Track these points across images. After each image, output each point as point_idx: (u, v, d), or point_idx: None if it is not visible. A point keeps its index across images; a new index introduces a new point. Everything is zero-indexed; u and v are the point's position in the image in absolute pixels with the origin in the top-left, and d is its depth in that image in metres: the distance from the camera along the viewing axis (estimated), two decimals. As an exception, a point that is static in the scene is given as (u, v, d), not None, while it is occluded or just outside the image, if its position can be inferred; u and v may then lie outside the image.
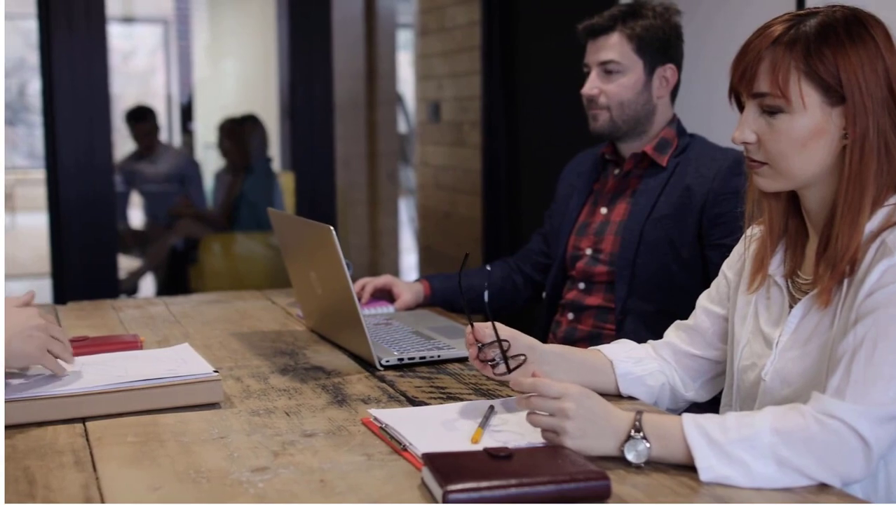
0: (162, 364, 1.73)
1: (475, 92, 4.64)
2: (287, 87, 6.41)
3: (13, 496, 1.29)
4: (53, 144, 3.63)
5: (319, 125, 4.13)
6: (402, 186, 7.45)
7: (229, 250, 5.52)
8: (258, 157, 5.57)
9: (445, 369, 1.91)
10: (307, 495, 1.29)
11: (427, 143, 5.37)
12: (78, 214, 3.67)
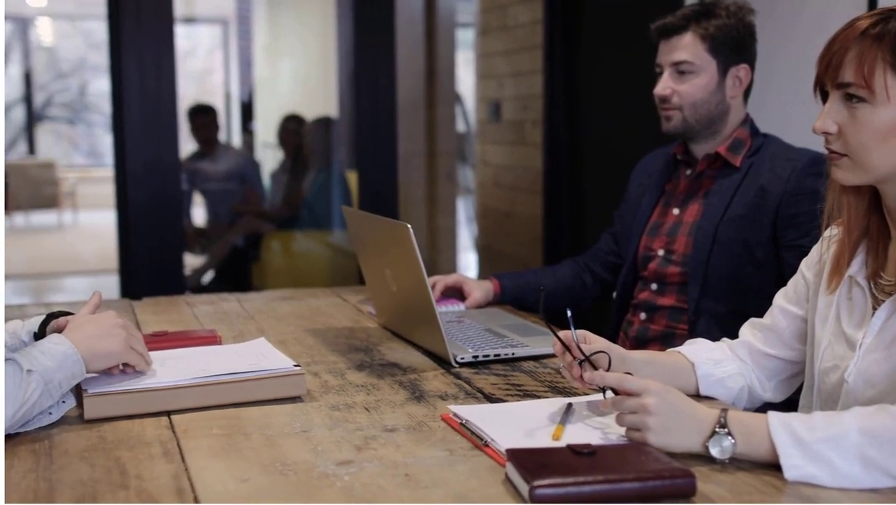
0: (243, 359, 1.76)
1: (537, 91, 4.64)
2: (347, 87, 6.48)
3: (106, 486, 1.32)
4: (122, 144, 3.70)
5: (382, 124, 4.16)
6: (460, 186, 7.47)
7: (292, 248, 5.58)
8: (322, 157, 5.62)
9: (520, 367, 1.92)
10: (393, 489, 1.31)
11: (487, 142, 5.38)
12: (145, 213, 3.73)
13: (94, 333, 1.62)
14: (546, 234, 4.55)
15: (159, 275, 3.79)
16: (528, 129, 4.80)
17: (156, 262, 3.79)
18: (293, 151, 5.75)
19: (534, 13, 4.68)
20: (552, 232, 4.52)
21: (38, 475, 1.36)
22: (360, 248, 2.21)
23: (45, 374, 1.52)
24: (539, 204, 4.63)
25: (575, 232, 4.43)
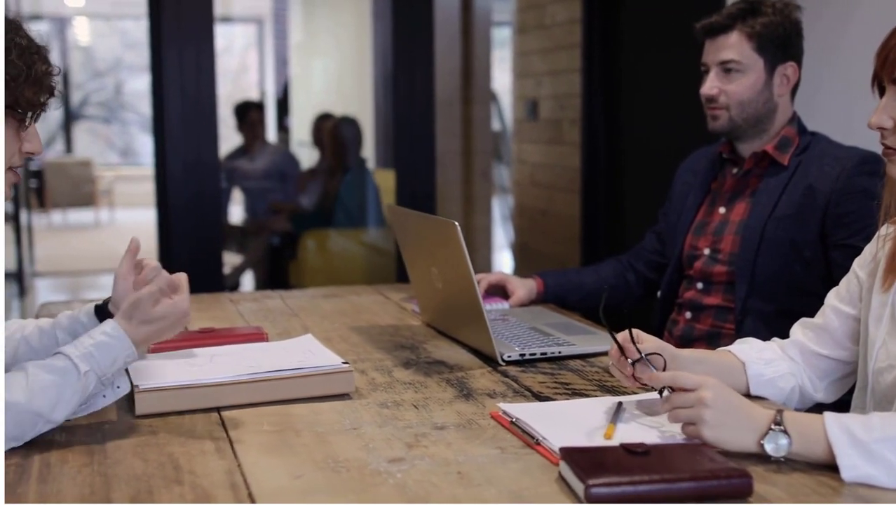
0: (291, 355, 1.77)
1: (574, 90, 4.63)
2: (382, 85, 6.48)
3: (161, 481, 1.33)
4: (162, 143, 3.72)
5: (420, 122, 4.16)
6: (495, 184, 7.45)
7: (328, 247, 5.59)
8: (354, 156, 5.63)
9: (567, 365, 1.92)
10: (446, 487, 1.30)
11: (524, 140, 5.37)
12: (184, 212, 3.75)
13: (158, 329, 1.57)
14: (584, 234, 4.53)
15: (198, 273, 3.79)
16: (565, 128, 4.78)
17: (195, 260, 3.81)
18: (327, 150, 5.76)
19: (572, 12, 4.67)
20: (590, 231, 4.51)
21: (94, 469, 1.37)
22: (406, 246, 2.21)
23: (100, 369, 1.52)
24: (576, 203, 4.61)
25: (613, 231, 4.41)
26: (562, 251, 4.84)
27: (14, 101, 1.50)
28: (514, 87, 5.51)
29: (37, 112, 1.56)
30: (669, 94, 3.86)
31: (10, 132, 1.53)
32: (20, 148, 1.56)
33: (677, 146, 3.71)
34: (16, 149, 1.55)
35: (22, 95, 1.51)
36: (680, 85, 3.76)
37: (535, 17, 5.12)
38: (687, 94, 3.61)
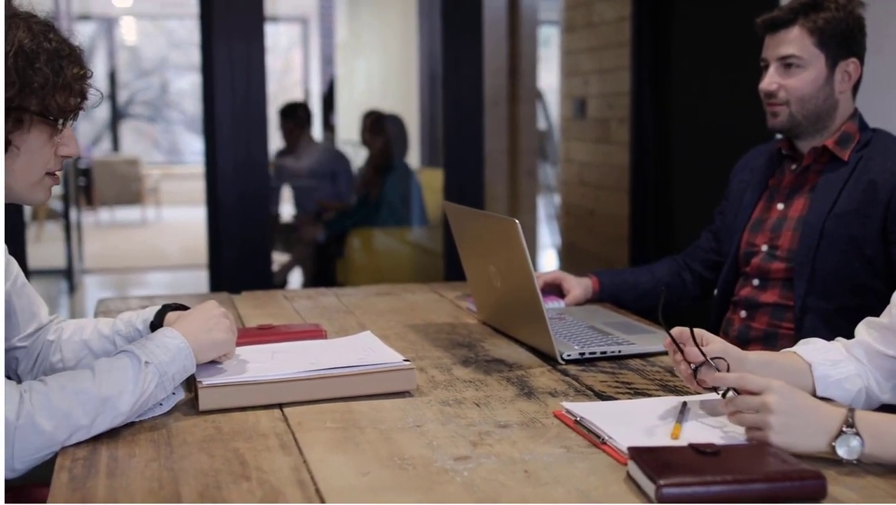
0: (352, 353, 1.77)
1: (623, 88, 4.61)
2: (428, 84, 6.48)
3: (228, 476, 1.33)
4: (212, 143, 3.74)
5: (468, 122, 4.16)
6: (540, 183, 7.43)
7: (374, 245, 5.61)
8: (399, 155, 5.64)
9: (627, 365, 1.90)
10: (514, 485, 1.30)
11: (571, 139, 5.35)
12: (234, 210, 3.77)
13: (201, 325, 1.65)
14: (632, 233, 4.51)
15: (248, 271, 3.83)
16: (613, 127, 4.76)
17: (244, 258, 3.83)
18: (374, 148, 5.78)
19: (620, 10, 4.64)
20: (638, 230, 4.49)
21: (161, 464, 1.38)
22: (463, 244, 2.20)
23: (161, 366, 1.54)
24: (625, 202, 4.59)
25: (662, 230, 4.38)
26: (609, 251, 4.82)
27: (44, 108, 1.50)
28: (562, 86, 5.49)
29: (70, 116, 1.56)
30: (722, 92, 3.83)
31: (44, 138, 1.53)
32: (56, 152, 1.57)
33: (730, 145, 3.68)
34: (51, 154, 1.56)
35: (52, 102, 1.51)
36: (733, 82, 3.73)
37: (584, 15, 5.10)
38: (740, 91, 3.58)
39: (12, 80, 1.46)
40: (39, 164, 1.55)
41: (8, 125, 1.48)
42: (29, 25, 1.51)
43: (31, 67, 1.48)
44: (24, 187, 1.55)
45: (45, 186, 1.59)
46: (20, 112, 1.48)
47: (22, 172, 1.53)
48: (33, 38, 1.49)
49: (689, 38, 4.14)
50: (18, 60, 1.47)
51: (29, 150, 1.52)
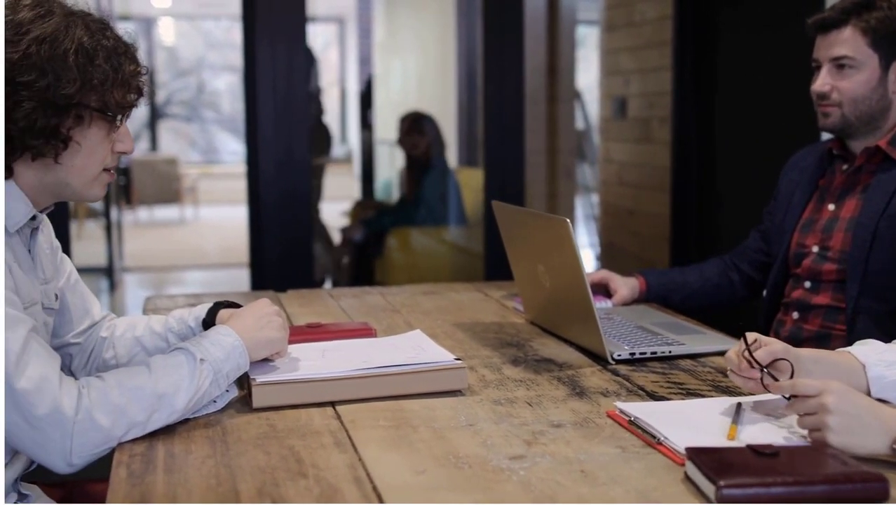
0: (403, 351, 1.77)
1: (664, 87, 4.58)
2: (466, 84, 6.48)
3: (285, 473, 1.34)
4: (254, 142, 3.76)
5: (509, 121, 4.15)
6: (578, 183, 7.42)
7: (413, 245, 5.61)
8: (437, 154, 5.64)
9: (678, 365, 1.89)
10: (571, 485, 1.29)
11: (611, 139, 5.33)
12: (276, 210, 3.79)
13: (254, 323, 1.66)
14: (673, 233, 4.48)
15: (289, 270, 3.85)
16: (654, 127, 4.73)
17: (286, 257, 3.85)
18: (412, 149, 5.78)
19: (662, 9, 4.62)
20: (679, 231, 4.46)
21: (217, 461, 1.39)
22: (511, 243, 2.20)
23: (215, 364, 1.55)
24: (666, 202, 4.56)
25: (704, 231, 4.36)
26: (649, 251, 4.79)
27: (103, 104, 1.52)
28: (602, 86, 5.47)
29: (126, 112, 1.58)
30: (767, 91, 3.80)
31: (102, 134, 1.55)
32: (112, 148, 1.58)
33: (775, 144, 3.66)
34: (108, 150, 1.58)
35: (111, 98, 1.53)
36: (778, 81, 3.70)
37: (624, 14, 5.08)
38: (785, 90, 3.56)
39: (73, 77, 1.48)
40: (98, 160, 1.56)
41: (69, 122, 1.50)
42: (87, 24, 1.53)
43: (90, 64, 1.49)
44: (83, 184, 1.57)
45: (102, 182, 1.61)
46: (81, 108, 1.50)
47: (81, 169, 1.55)
48: (91, 35, 1.51)
49: (732, 37, 4.11)
50: (79, 58, 1.49)
51: (88, 147, 1.54)
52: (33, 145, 1.49)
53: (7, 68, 1.46)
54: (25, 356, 1.40)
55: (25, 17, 1.49)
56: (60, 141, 1.50)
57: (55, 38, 1.48)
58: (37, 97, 1.46)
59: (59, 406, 1.39)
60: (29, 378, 1.39)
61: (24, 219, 1.56)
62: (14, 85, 1.46)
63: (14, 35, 1.47)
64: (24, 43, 1.47)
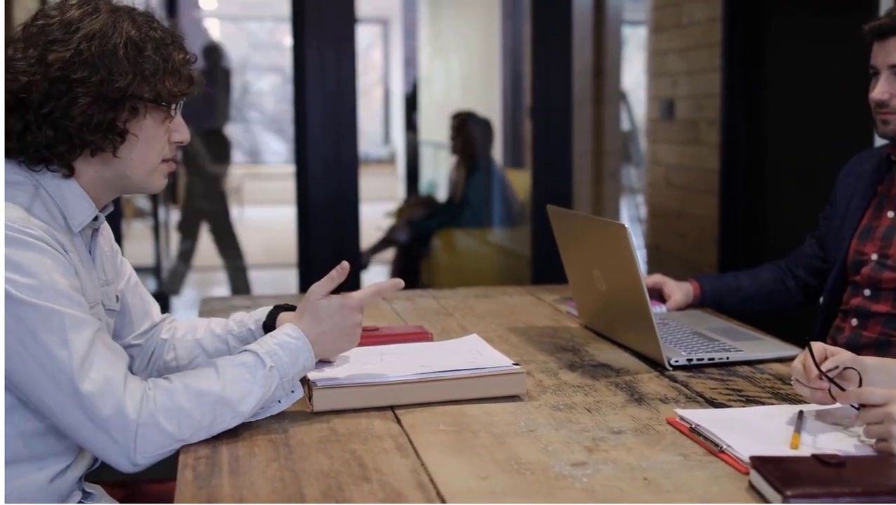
0: (461, 356, 1.77)
1: (713, 89, 4.55)
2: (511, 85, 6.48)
3: (349, 477, 1.35)
4: (303, 143, 3.78)
5: (557, 122, 4.15)
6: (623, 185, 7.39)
7: (460, 246, 5.62)
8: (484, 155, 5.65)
9: (736, 371, 1.88)
10: (635, 492, 1.29)
11: (659, 141, 5.30)
12: (324, 211, 3.80)
13: (335, 334, 1.65)
14: (721, 236, 4.45)
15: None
16: (703, 129, 4.70)
17: (334, 259, 3.84)
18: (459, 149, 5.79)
19: (711, 10, 4.59)
20: (728, 234, 4.43)
21: (281, 464, 1.40)
22: (566, 247, 2.20)
23: (282, 368, 1.56)
24: (714, 205, 4.53)
25: (752, 234, 4.32)
26: (697, 254, 4.76)
27: (156, 94, 1.55)
28: (649, 87, 5.44)
29: (179, 101, 1.60)
30: (820, 94, 3.77)
31: (158, 124, 1.58)
32: (169, 139, 1.61)
33: (827, 148, 3.62)
34: (165, 140, 1.60)
35: (163, 87, 1.55)
36: (831, 85, 3.67)
37: (672, 15, 5.05)
38: (839, 94, 3.53)
39: (125, 70, 1.50)
40: (155, 150, 1.59)
41: (124, 115, 1.53)
42: (133, 17, 1.55)
43: (140, 56, 1.52)
44: (142, 175, 1.60)
45: (162, 173, 1.63)
46: (135, 100, 1.53)
47: (139, 161, 1.58)
48: (138, 28, 1.54)
49: (783, 39, 4.08)
50: (129, 51, 1.51)
51: (145, 138, 1.56)
52: (91, 141, 1.52)
53: (60, 67, 1.48)
54: (90, 358, 1.42)
55: (74, 16, 1.52)
56: (118, 134, 1.53)
57: (104, 33, 1.51)
58: (91, 93, 1.49)
59: (122, 409, 1.41)
60: (93, 380, 1.41)
61: (87, 218, 1.58)
62: (68, 83, 1.49)
63: (64, 34, 1.50)
64: (75, 41, 1.49)
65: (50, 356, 1.40)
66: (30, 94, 1.49)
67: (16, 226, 1.43)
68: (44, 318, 1.40)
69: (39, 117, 1.50)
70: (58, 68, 1.49)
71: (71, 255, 1.51)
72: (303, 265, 3.98)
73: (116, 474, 1.67)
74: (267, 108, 15.82)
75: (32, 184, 1.53)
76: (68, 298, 1.44)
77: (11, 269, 1.41)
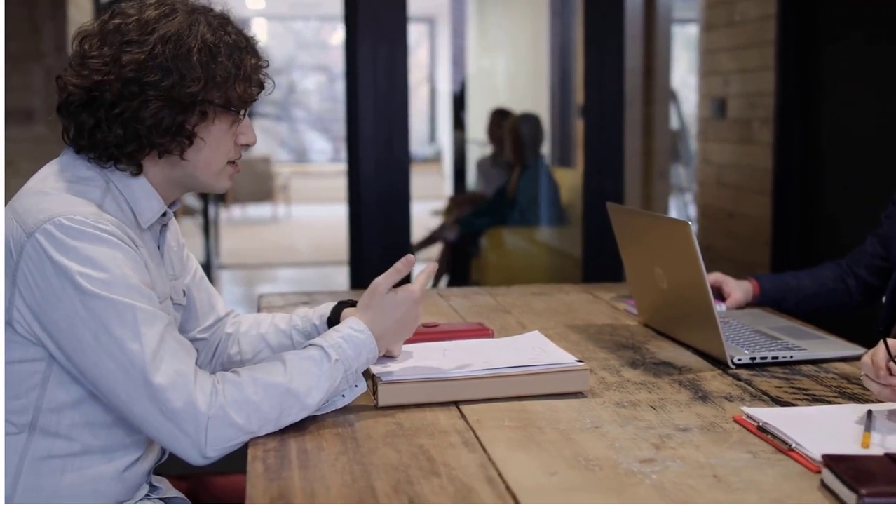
0: (524, 352, 1.78)
1: (766, 88, 4.51)
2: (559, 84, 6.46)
3: (418, 472, 1.36)
4: (355, 142, 3.80)
5: (609, 122, 4.13)
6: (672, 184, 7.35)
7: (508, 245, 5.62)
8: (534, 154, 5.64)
9: (800, 370, 1.87)
10: (705, 490, 1.29)
11: (709, 140, 5.27)
12: (376, 209, 3.82)
13: (399, 326, 1.67)
14: (774, 236, 4.42)
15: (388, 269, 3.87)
16: (755, 128, 4.67)
17: (385, 257, 3.86)
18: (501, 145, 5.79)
19: (764, 8, 4.55)
20: (781, 234, 4.39)
21: (350, 458, 1.41)
22: (626, 245, 2.19)
23: (347, 361, 1.57)
24: (766, 205, 4.50)
25: (806, 234, 4.28)
26: (749, 253, 4.73)
27: (226, 100, 1.56)
28: (700, 86, 5.41)
29: (248, 106, 1.61)
30: (879, 94, 3.72)
31: (225, 128, 1.59)
32: (236, 141, 1.62)
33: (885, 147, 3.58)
34: (231, 143, 1.61)
35: (233, 93, 1.56)
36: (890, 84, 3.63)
37: (724, 14, 5.01)
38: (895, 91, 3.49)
39: (197, 76, 1.52)
40: (222, 153, 1.60)
41: (193, 119, 1.54)
42: (208, 20, 1.56)
43: (213, 62, 1.53)
44: (209, 177, 1.61)
45: (227, 174, 1.65)
46: (205, 105, 1.54)
47: (205, 164, 1.59)
48: (214, 32, 1.54)
49: (839, 37, 4.03)
50: (202, 56, 1.52)
51: (213, 142, 1.58)
52: (160, 143, 1.54)
53: (133, 68, 1.50)
54: (161, 351, 1.44)
55: (150, 16, 1.53)
56: (185, 138, 1.54)
57: (179, 36, 1.52)
58: (162, 96, 1.50)
59: (193, 401, 1.42)
60: (164, 373, 1.43)
61: (156, 214, 1.60)
62: (141, 85, 1.50)
63: (140, 35, 1.51)
64: (150, 43, 1.51)
65: (122, 349, 1.42)
66: (102, 93, 1.51)
67: (88, 221, 1.45)
68: (116, 311, 1.42)
69: (111, 116, 1.52)
70: (131, 70, 1.50)
71: (141, 250, 1.53)
72: (354, 263, 4.00)
73: (180, 467, 1.69)
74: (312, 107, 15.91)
75: (103, 179, 1.55)
76: (140, 292, 1.46)
77: (85, 263, 1.43)
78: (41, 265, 1.43)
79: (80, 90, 1.52)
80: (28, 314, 1.45)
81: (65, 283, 1.42)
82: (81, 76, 1.52)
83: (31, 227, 1.44)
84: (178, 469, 1.78)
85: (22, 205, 1.50)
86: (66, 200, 1.48)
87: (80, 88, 1.52)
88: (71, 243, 1.43)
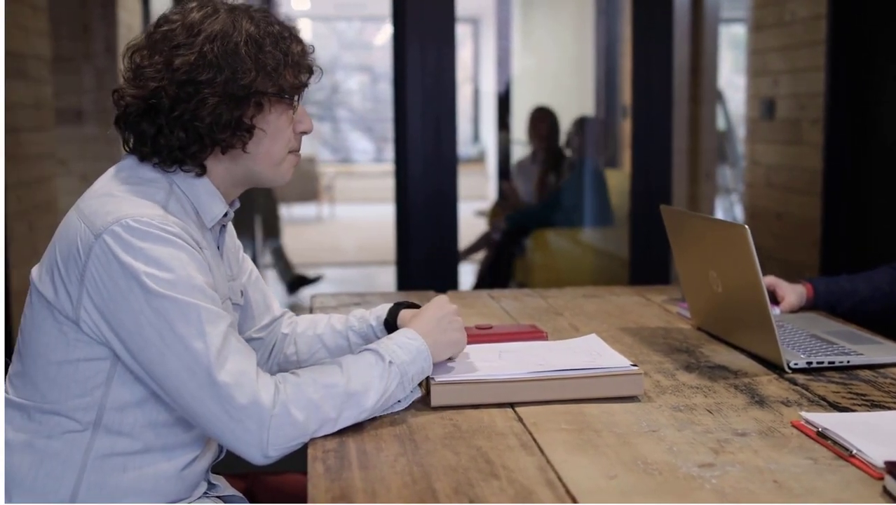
0: (580, 355, 1.78)
1: (816, 89, 4.48)
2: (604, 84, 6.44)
3: (478, 474, 1.37)
4: (403, 142, 3.81)
5: (657, 122, 4.12)
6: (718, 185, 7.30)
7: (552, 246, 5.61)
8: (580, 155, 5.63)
9: (857, 375, 1.85)
10: (766, 495, 1.29)
11: (758, 140, 5.23)
12: (423, 209, 3.83)
13: (436, 326, 1.68)
14: (824, 238, 4.38)
15: (436, 270, 3.89)
16: (805, 128, 4.63)
17: (433, 258, 3.89)
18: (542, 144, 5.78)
19: (815, 8, 4.51)
20: (831, 235, 4.35)
21: (409, 459, 1.42)
22: (680, 248, 2.18)
23: (402, 366, 1.58)
24: (816, 206, 4.46)
25: (856, 236, 4.24)
26: (798, 255, 4.69)
27: (279, 88, 1.58)
28: (749, 86, 5.37)
29: (301, 92, 1.63)
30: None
31: (282, 117, 1.61)
32: (294, 129, 1.64)
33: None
34: (290, 132, 1.64)
35: (285, 81, 1.59)
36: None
37: (774, 14, 4.98)
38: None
39: (248, 68, 1.55)
40: (282, 143, 1.63)
41: (250, 111, 1.57)
42: (250, 15, 1.60)
43: (261, 52, 1.56)
44: (270, 168, 1.64)
45: (289, 164, 1.67)
46: (259, 96, 1.57)
47: (267, 154, 1.62)
48: (257, 25, 1.58)
49: (890, 37, 3.99)
50: (250, 48, 1.55)
51: (272, 131, 1.61)
52: (222, 139, 1.56)
53: (186, 70, 1.53)
54: (225, 350, 1.46)
55: (195, 18, 1.56)
56: (245, 130, 1.57)
57: (225, 33, 1.55)
58: (218, 92, 1.53)
59: (257, 399, 1.44)
60: (229, 372, 1.45)
61: (219, 214, 1.63)
62: (195, 85, 1.53)
63: (187, 38, 1.55)
64: (198, 44, 1.54)
65: (188, 348, 1.44)
66: (160, 100, 1.54)
67: (154, 223, 1.48)
68: (181, 311, 1.45)
69: (171, 121, 1.54)
70: (184, 72, 1.53)
71: (204, 251, 1.56)
72: (401, 263, 4.01)
73: (236, 466, 1.72)
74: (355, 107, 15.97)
75: (167, 182, 1.58)
76: (203, 292, 1.48)
77: (150, 263, 1.45)
78: (108, 266, 1.45)
79: (137, 100, 1.55)
80: (95, 314, 1.47)
81: (131, 283, 1.44)
82: (137, 87, 1.55)
83: (98, 229, 1.47)
84: (235, 468, 1.81)
85: (89, 206, 1.52)
86: (133, 202, 1.51)
87: (138, 98, 1.55)
88: (138, 244, 1.45)
